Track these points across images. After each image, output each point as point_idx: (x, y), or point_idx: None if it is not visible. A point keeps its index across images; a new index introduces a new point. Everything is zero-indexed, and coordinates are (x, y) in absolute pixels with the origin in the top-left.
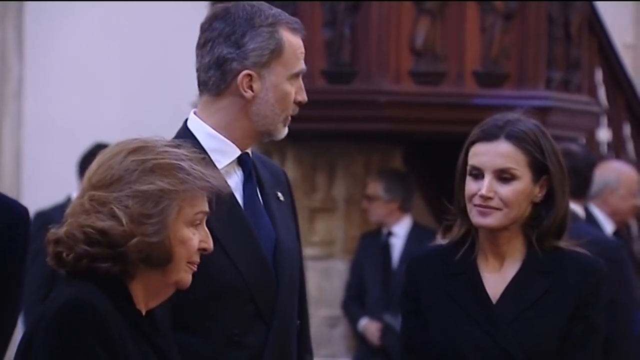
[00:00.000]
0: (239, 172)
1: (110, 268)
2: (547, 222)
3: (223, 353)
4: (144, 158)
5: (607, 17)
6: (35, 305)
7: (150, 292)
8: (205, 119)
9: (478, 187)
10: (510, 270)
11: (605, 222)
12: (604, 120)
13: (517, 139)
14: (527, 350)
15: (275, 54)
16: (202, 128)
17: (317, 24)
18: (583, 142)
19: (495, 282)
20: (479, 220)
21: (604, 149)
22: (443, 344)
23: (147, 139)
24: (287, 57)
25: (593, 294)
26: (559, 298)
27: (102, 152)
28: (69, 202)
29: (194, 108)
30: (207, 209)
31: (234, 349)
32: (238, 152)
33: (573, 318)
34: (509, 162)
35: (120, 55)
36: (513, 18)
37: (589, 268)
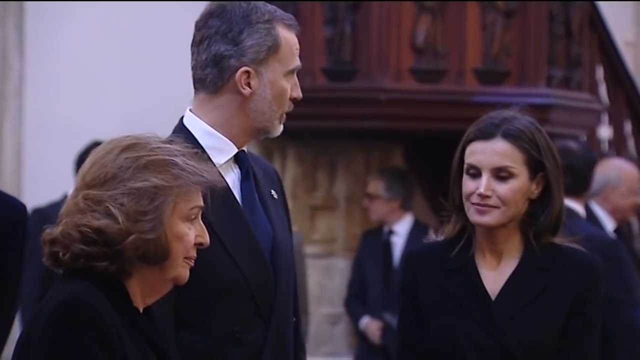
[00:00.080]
0: (236, 169)
1: (108, 267)
2: (543, 218)
3: (224, 350)
4: (137, 155)
5: (607, 14)
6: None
7: (148, 289)
8: (202, 117)
9: (476, 185)
10: (508, 267)
11: (606, 219)
12: (605, 118)
13: (513, 137)
14: (526, 347)
15: (272, 51)
16: (199, 126)
17: (317, 22)
18: (584, 139)
19: (494, 279)
20: (477, 219)
21: (605, 147)
22: (442, 341)
23: (139, 136)
24: (283, 53)
25: (591, 291)
26: (558, 295)
27: (94, 150)
28: (66, 199)
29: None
30: (202, 204)
31: (235, 346)
32: (235, 149)
33: (571, 315)
34: (506, 160)
35: (121, 54)
36: (514, 16)
37: (587, 265)
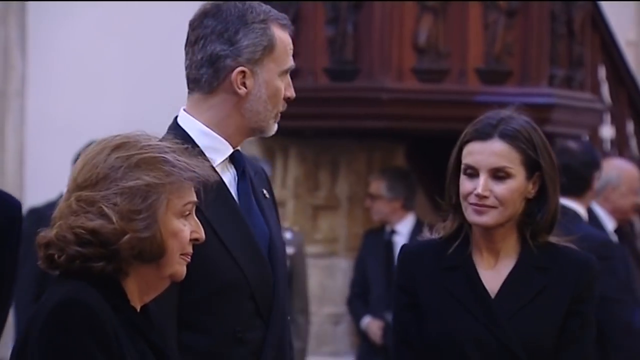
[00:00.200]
0: (232, 169)
1: (104, 267)
2: (540, 217)
3: (226, 349)
4: (128, 154)
5: (609, 14)
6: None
7: (145, 287)
8: (197, 116)
9: (473, 185)
10: (506, 266)
11: (607, 219)
12: (607, 118)
13: (511, 138)
14: (526, 345)
15: (268, 51)
16: (194, 125)
17: (319, 22)
18: (586, 139)
19: (492, 277)
20: (475, 219)
21: (607, 146)
22: (442, 339)
23: (129, 135)
24: (278, 53)
25: (587, 290)
26: (556, 294)
27: (84, 151)
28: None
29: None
30: (195, 199)
31: (236, 346)
32: (231, 149)
33: (569, 313)
34: (504, 161)
35: (123, 54)
36: (516, 15)
37: (584, 264)
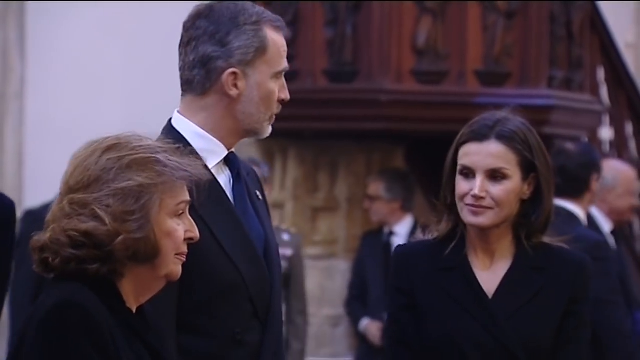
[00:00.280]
0: (227, 171)
1: (99, 269)
2: (535, 218)
3: (225, 352)
4: (120, 155)
5: (608, 15)
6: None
7: (141, 288)
8: (191, 118)
9: (470, 186)
10: (502, 267)
11: (603, 221)
12: (606, 119)
13: (507, 139)
14: (525, 346)
15: (260, 52)
16: (189, 127)
17: (318, 23)
18: (585, 140)
19: (488, 278)
20: (472, 220)
21: (606, 148)
22: (441, 339)
23: (119, 136)
24: (271, 55)
25: (583, 290)
26: (553, 294)
27: (75, 154)
28: None
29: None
30: (188, 198)
31: (236, 348)
32: (226, 151)
33: (566, 313)
34: (501, 162)
35: (122, 55)
36: (515, 17)
37: (579, 265)
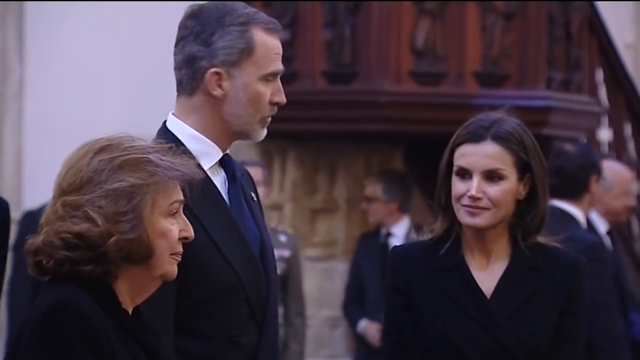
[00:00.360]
0: (222, 173)
1: (93, 270)
2: (530, 219)
3: (223, 354)
4: (111, 156)
5: (607, 16)
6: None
7: (136, 288)
8: (184, 119)
9: (466, 187)
10: (499, 267)
11: (599, 221)
12: (605, 120)
13: (503, 140)
14: (524, 345)
15: (246, 54)
16: (183, 130)
17: (317, 25)
18: (584, 141)
19: (485, 278)
20: (468, 220)
21: (605, 149)
22: (439, 340)
23: (111, 137)
24: (258, 57)
25: (578, 289)
26: (550, 294)
27: (68, 156)
28: None
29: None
30: (181, 198)
31: (233, 350)
32: (220, 153)
33: (562, 313)
34: (497, 162)
35: (121, 55)
36: (513, 18)
37: (574, 264)
